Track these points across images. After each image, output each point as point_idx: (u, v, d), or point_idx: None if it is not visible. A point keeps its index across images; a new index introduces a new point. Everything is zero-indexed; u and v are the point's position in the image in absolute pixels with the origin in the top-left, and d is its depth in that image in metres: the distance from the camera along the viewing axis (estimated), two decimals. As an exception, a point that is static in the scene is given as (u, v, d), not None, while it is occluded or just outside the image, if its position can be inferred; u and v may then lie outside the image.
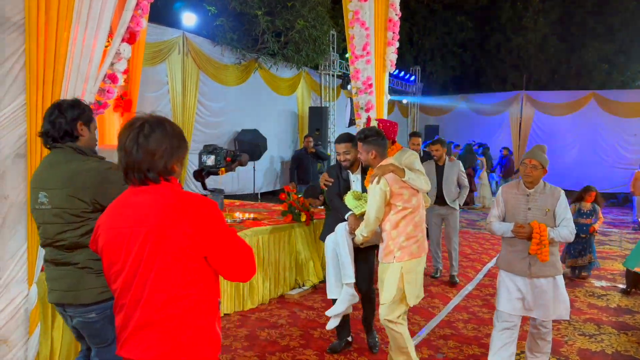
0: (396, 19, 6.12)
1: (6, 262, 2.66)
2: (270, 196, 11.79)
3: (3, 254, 2.64)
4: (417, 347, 3.97)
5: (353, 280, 3.67)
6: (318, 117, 12.16)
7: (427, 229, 5.54)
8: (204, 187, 5.97)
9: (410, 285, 3.28)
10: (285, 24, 10.52)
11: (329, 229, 3.94)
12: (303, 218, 5.48)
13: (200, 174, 5.78)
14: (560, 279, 3.31)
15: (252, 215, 5.61)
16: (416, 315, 4.72)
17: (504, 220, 3.42)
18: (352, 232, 3.64)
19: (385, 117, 6.19)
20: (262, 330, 4.29)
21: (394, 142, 3.95)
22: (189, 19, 9.69)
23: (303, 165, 9.09)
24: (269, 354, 3.87)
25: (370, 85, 5.78)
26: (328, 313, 3.69)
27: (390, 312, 3.30)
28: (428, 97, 18.64)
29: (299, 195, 5.58)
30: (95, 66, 3.01)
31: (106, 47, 3.16)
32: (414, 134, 6.62)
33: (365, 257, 3.87)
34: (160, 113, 6.62)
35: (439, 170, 5.87)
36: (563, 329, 4.50)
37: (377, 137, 3.37)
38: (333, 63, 12.87)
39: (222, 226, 1.73)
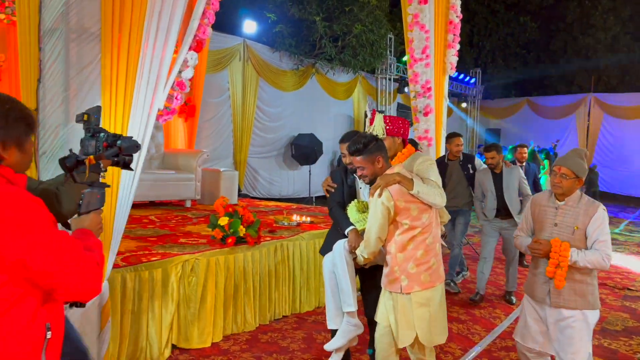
0: (457, 21, 6.01)
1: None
2: (325, 200, 11.85)
3: (79, 251, 2.80)
4: (477, 359, 3.85)
5: (354, 309, 3.13)
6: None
7: (464, 243, 5.22)
8: (74, 179, 4.90)
9: (422, 323, 2.68)
10: (343, 28, 10.57)
11: (329, 243, 3.34)
12: (360, 223, 5.45)
13: (63, 163, 4.10)
14: (592, 316, 2.78)
15: (308, 219, 5.66)
16: (476, 325, 4.58)
17: (532, 236, 3.01)
18: (352, 251, 3.08)
19: (444, 120, 6.07)
20: (318, 334, 4.31)
21: (404, 143, 3.16)
22: (249, 26, 9.93)
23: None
24: (325, 357, 3.88)
25: (430, 89, 5.70)
26: (327, 347, 3.23)
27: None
28: (489, 100, 18.13)
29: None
30: (164, 74, 3.15)
31: (174, 55, 3.30)
32: (453, 135, 5.72)
33: (373, 277, 3.16)
34: (221, 118, 6.80)
35: (497, 179, 5.29)
36: None
37: (377, 142, 2.75)
38: (390, 66, 12.78)
39: (35, 232, 1.36)
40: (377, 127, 3.05)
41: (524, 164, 6.49)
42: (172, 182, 6.48)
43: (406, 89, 12.77)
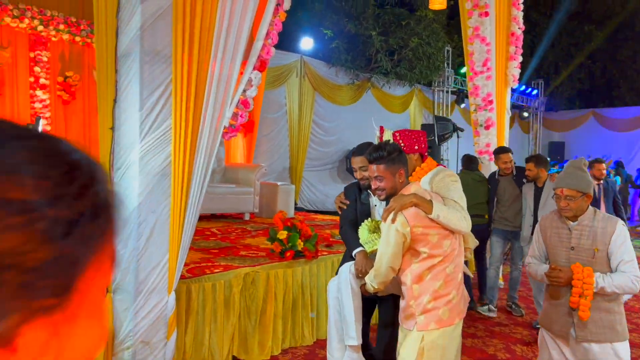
0: (519, 32, 5.87)
1: (150, 271, 2.94)
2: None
3: (148, 263, 2.93)
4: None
5: (356, 342, 2.81)
6: (431, 134, 11.95)
7: (520, 265, 4.89)
8: None
9: None
10: (399, 42, 10.55)
11: (343, 264, 3.05)
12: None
13: None
14: (623, 348, 2.48)
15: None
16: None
17: (547, 262, 2.69)
18: (359, 276, 2.79)
19: (506, 134, 5.91)
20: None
21: (423, 157, 2.77)
22: (306, 43, 10.11)
23: None
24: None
25: (491, 102, 5.58)
26: None
27: None
28: (552, 112, 17.47)
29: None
30: (230, 93, 3.26)
31: (239, 74, 3.41)
32: (501, 150, 5.24)
33: (386, 312, 2.86)
34: (278, 133, 6.89)
35: (537, 194, 4.82)
36: None
37: (401, 153, 2.44)
38: (447, 79, 12.61)
39: None
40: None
41: (601, 181, 5.86)
42: (232, 196, 6.65)
43: (464, 102, 12.55)
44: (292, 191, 7.23)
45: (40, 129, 1.74)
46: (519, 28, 5.84)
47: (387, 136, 2.74)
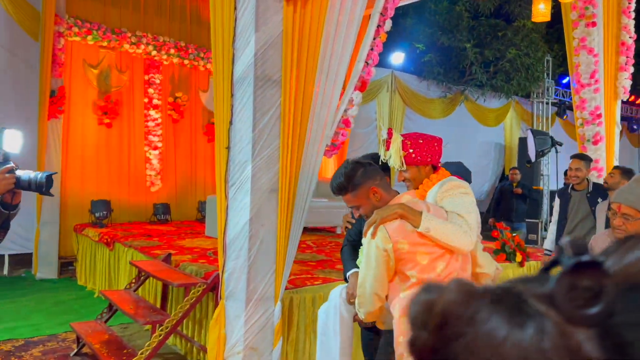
0: (630, 42, 5.52)
1: (260, 280, 3.14)
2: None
3: (257, 273, 3.13)
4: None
5: None
6: (526, 148, 11.45)
7: None
8: None
9: None
10: (495, 53, 10.29)
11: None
12: (518, 259, 5.20)
13: None
14: None
15: (462, 251, 5.54)
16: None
17: None
18: (350, 301, 2.44)
19: (616, 149, 5.56)
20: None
21: (435, 168, 2.41)
22: (397, 57, 10.17)
23: (505, 201, 8.51)
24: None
25: (599, 116, 5.28)
26: None
27: None
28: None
29: (513, 234, 5.33)
30: (332, 113, 3.42)
31: (340, 95, 3.56)
32: (572, 156, 4.51)
33: (384, 351, 2.38)
34: (368, 148, 7.03)
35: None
36: None
37: (364, 168, 2.06)
38: (547, 90, 12.03)
39: None
40: (394, 155, 2.29)
41: None
42: (325, 210, 6.83)
43: (567, 113, 11.90)
44: (385, 206, 7.26)
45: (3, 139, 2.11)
46: (629, 37, 5.49)
47: (395, 143, 2.30)
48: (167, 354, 4.19)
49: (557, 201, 4.65)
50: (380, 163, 2.43)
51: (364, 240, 2.03)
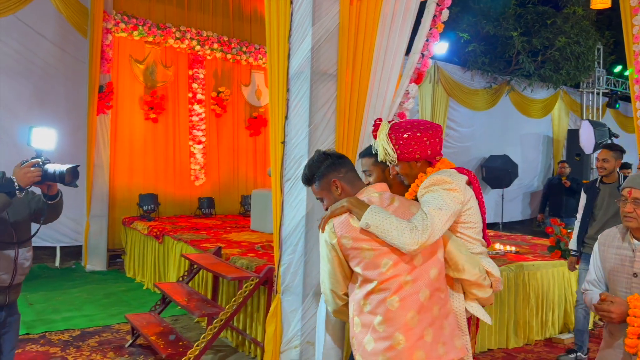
0: (697, 27, 5.20)
1: (316, 275, 3.10)
2: (518, 226, 11.14)
3: (313, 268, 3.09)
4: None
5: None
6: (577, 140, 11.05)
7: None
8: None
9: None
10: (544, 42, 9.92)
11: None
12: (574, 255, 5.00)
13: None
14: None
15: (513, 248, 5.38)
16: None
17: (607, 289, 2.18)
18: None
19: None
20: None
21: (432, 162, 2.13)
22: (441, 47, 9.94)
23: (555, 195, 8.20)
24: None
25: (661, 107, 5.01)
26: None
27: None
28: None
29: (568, 230, 5.13)
30: (387, 106, 3.35)
31: (395, 88, 3.48)
32: (604, 146, 4.23)
33: None
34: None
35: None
36: None
37: (329, 159, 1.98)
38: (598, 80, 11.56)
39: None
40: (380, 150, 2.12)
41: None
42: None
43: (619, 104, 11.42)
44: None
45: (32, 137, 2.32)
46: (696, 22, 5.17)
47: (382, 134, 2.10)
48: (218, 346, 4.23)
49: (583, 197, 4.27)
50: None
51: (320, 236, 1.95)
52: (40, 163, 2.26)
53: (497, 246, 5.41)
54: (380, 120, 2.17)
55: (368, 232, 1.78)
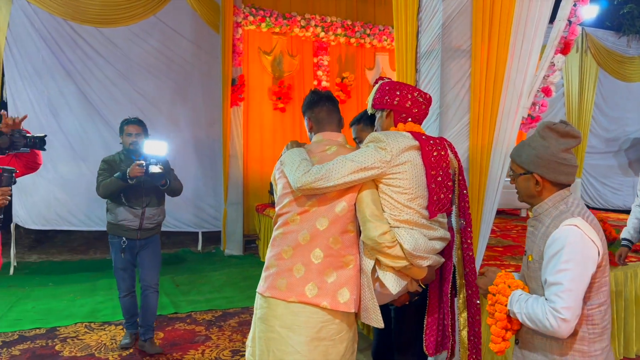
0: None
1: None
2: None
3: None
4: None
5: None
6: None
7: None
8: None
9: (267, 343, 2.02)
10: None
11: None
12: None
13: None
14: None
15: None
16: None
17: None
18: None
19: None
20: None
21: (398, 119, 2.14)
22: (590, 11, 8.85)
23: None
24: None
25: None
26: None
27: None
28: None
29: None
30: (529, 81, 3.00)
31: (537, 61, 3.11)
32: None
33: (401, 330, 2.49)
34: (555, 117, 6.20)
35: None
36: None
37: (312, 97, 2.22)
38: None
39: None
40: (369, 98, 2.29)
41: None
42: (507, 189, 6.26)
43: None
44: (579, 186, 6.43)
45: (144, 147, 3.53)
46: None
47: (375, 88, 2.26)
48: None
49: None
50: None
51: None
52: (144, 164, 3.46)
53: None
54: (388, 78, 2.28)
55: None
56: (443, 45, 2.76)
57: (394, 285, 1.98)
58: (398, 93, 2.12)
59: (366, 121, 2.46)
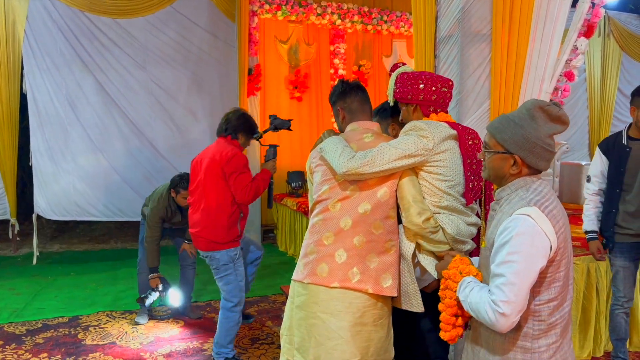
0: None
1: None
2: None
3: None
4: None
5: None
6: None
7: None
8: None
9: (308, 330, 2.02)
10: None
11: None
12: None
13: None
14: None
15: None
16: None
17: None
18: None
19: None
20: None
21: (426, 111, 2.14)
22: (612, -6, 8.63)
23: None
24: None
25: None
26: None
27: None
28: None
29: None
30: (551, 65, 2.93)
31: (560, 45, 3.03)
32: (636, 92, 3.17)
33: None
34: (575, 104, 6.05)
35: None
36: None
37: (342, 87, 2.24)
38: None
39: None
40: (389, 89, 2.27)
41: None
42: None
43: None
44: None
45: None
46: None
47: (392, 79, 2.23)
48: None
49: (599, 160, 3.12)
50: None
51: None
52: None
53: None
54: (403, 63, 2.30)
55: (323, 157, 2.07)
56: (462, 29, 2.71)
57: (434, 269, 2.02)
58: (422, 87, 2.10)
59: (382, 114, 2.46)
